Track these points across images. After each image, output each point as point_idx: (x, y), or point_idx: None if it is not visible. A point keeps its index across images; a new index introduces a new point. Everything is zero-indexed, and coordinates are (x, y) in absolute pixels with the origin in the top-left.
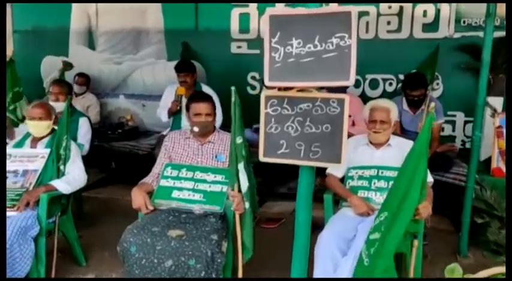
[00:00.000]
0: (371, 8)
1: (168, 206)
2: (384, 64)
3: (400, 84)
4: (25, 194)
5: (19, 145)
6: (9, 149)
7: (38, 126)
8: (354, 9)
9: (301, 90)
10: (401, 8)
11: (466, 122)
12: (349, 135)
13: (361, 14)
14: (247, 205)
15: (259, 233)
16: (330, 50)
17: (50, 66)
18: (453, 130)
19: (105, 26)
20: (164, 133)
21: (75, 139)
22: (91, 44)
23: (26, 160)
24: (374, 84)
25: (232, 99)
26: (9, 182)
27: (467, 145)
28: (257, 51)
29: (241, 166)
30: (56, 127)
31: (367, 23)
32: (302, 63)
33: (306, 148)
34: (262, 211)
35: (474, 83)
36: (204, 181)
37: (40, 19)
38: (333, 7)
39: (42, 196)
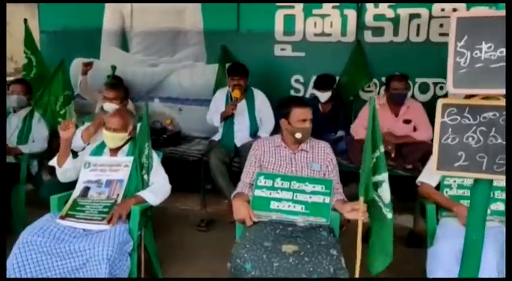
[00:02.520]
0: (423, 11)
1: (268, 218)
2: (435, 68)
3: None
4: (116, 207)
5: (97, 153)
6: (88, 157)
7: (112, 138)
8: None
9: (486, 97)
10: (454, 10)
11: None
12: (411, 140)
13: (412, 17)
14: (390, 215)
15: None
16: None
17: (80, 69)
18: None
19: (140, 26)
20: (215, 139)
21: None
22: (124, 46)
23: (107, 169)
24: (424, 88)
25: (371, 108)
26: (93, 192)
27: None
28: (302, 54)
29: (385, 176)
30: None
31: (418, 25)
32: (492, 69)
33: (489, 160)
34: None
35: None
36: (303, 192)
37: (70, 19)
38: None
39: (133, 208)
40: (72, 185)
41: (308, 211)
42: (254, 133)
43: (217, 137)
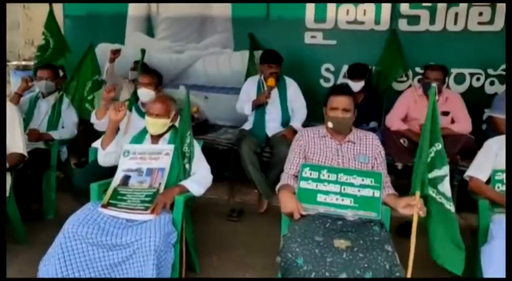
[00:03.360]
0: None
1: (315, 211)
2: (472, 57)
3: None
4: (160, 196)
5: (138, 140)
6: (127, 146)
7: (154, 124)
8: None
9: None
10: None
11: None
12: (449, 133)
13: (450, 5)
14: (453, 209)
15: None
16: None
17: (104, 54)
18: None
19: (167, 12)
20: (246, 128)
21: None
22: (150, 31)
23: (148, 157)
24: (460, 79)
25: (432, 98)
26: (134, 181)
27: None
28: (333, 42)
29: (446, 170)
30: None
31: (456, 13)
32: None
33: None
34: None
35: None
36: (351, 185)
37: (94, 4)
38: None
39: (177, 198)
40: (105, 173)
41: (357, 204)
42: (286, 123)
43: (247, 126)
